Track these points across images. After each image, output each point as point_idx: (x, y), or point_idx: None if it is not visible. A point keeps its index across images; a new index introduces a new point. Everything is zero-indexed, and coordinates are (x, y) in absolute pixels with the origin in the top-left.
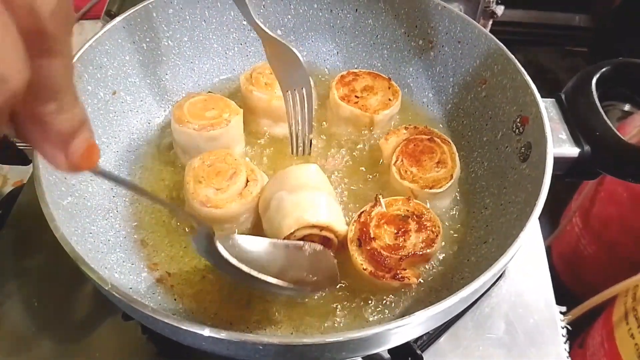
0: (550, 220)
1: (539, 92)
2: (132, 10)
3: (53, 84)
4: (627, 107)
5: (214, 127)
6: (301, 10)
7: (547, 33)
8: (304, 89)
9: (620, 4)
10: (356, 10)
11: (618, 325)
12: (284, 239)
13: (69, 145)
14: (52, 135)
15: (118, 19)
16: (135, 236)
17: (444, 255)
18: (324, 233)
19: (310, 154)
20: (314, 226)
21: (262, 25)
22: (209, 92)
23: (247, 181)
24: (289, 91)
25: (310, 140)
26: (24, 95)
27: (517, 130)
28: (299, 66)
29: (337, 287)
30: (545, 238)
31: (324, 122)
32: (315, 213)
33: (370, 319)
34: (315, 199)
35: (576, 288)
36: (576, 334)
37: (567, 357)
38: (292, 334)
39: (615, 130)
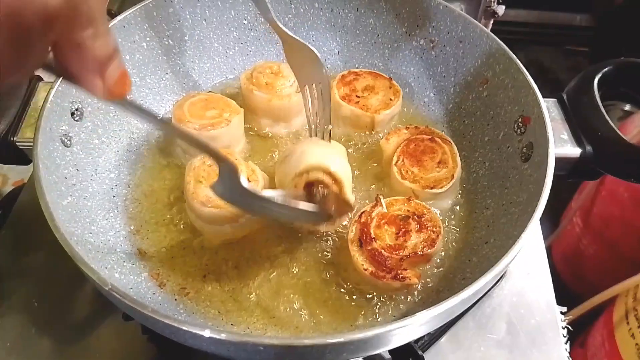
0: (551, 219)
1: (540, 91)
2: (132, 10)
3: (90, 11)
4: (627, 107)
5: (215, 127)
6: (302, 10)
7: (548, 32)
8: (321, 84)
9: (621, 3)
10: (357, 9)
11: (619, 325)
12: (298, 174)
13: (105, 71)
14: (90, 61)
15: (118, 18)
16: (135, 236)
17: (445, 255)
18: (334, 187)
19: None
20: (330, 174)
21: (280, 25)
22: (210, 91)
23: (248, 182)
24: (307, 86)
25: (330, 131)
26: (63, 22)
27: (518, 130)
28: (317, 63)
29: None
30: (545, 238)
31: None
32: (336, 165)
33: (371, 319)
34: (339, 158)
35: (577, 288)
36: (577, 333)
37: (568, 358)
38: (293, 334)
39: (617, 130)
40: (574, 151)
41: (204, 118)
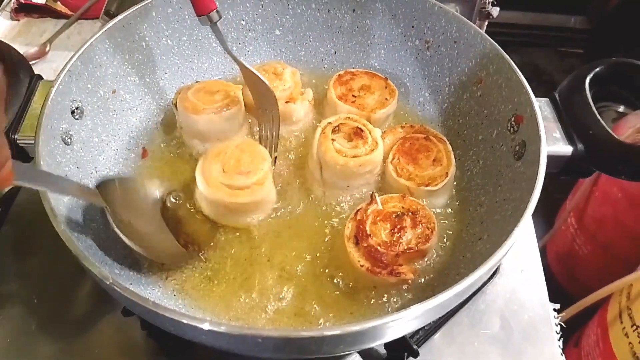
0: (546, 220)
1: (535, 93)
2: (132, 10)
3: None
4: (621, 109)
5: (230, 107)
6: (299, 10)
7: (543, 34)
8: (273, 111)
9: (616, 5)
10: (353, 10)
11: (612, 325)
12: None
13: None
14: None
15: (118, 18)
16: None
17: (440, 252)
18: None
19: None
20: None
21: (236, 56)
22: (197, 81)
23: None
24: (262, 110)
25: (275, 158)
26: None
27: (512, 129)
28: (268, 93)
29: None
30: (540, 238)
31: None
32: None
33: (368, 314)
34: None
35: (571, 287)
36: (571, 332)
37: (561, 354)
38: (291, 328)
39: (608, 128)
40: (566, 149)
41: (216, 102)
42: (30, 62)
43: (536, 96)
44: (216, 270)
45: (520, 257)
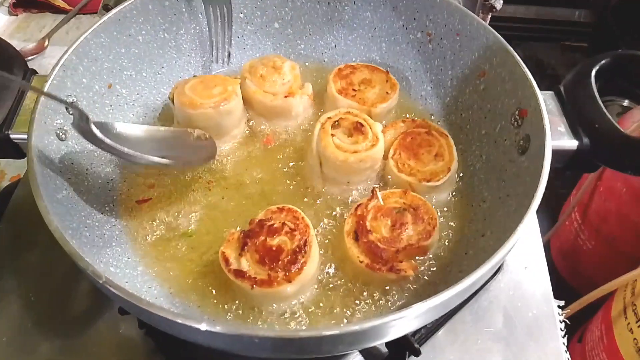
0: (549, 215)
1: (539, 87)
2: (128, 3)
3: None
4: (626, 103)
5: (228, 100)
6: (299, 3)
7: (546, 28)
8: (225, 7)
9: None
10: (354, 2)
11: (617, 320)
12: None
13: None
14: None
15: (113, 11)
16: (131, 230)
17: (442, 248)
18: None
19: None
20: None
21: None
22: (194, 75)
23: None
24: (211, 7)
25: (229, 53)
26: None
27: (515, 123)
28: None
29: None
30: (544, 233)
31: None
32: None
33: (368, 312)
34: None
35: (575, 283)
36: (575, 328)
37: (565, 351)
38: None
39: (614, 122)
40: (571, 143)
41: (213, 96)
42: (29, 58)
43: (540, 90)
44: (215, 267)
45: (524, 253)
